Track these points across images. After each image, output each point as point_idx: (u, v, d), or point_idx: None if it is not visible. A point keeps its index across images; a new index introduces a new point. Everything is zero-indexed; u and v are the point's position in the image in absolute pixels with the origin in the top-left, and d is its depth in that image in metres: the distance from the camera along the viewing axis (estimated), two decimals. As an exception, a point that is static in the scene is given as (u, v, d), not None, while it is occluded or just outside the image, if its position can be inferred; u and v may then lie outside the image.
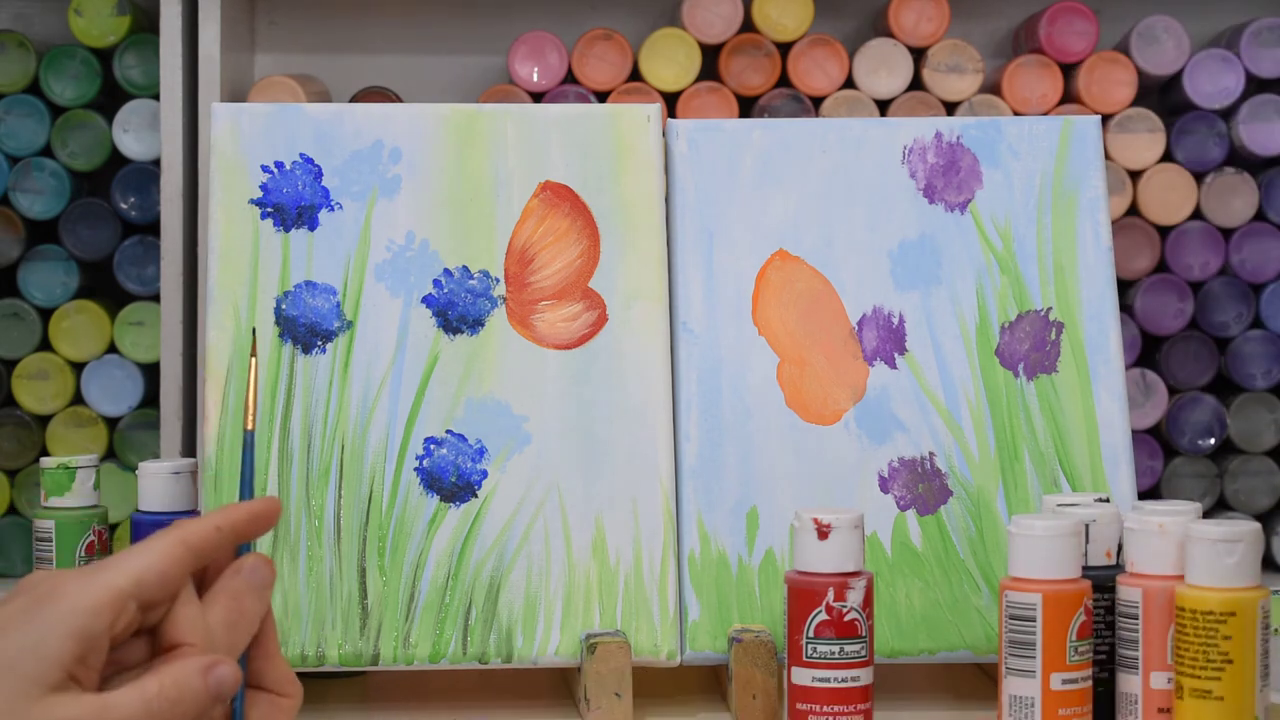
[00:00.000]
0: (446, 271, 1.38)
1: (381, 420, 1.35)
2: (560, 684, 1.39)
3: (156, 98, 1.64)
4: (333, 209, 1.39)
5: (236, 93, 1.66)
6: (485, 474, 1.35)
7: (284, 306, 1.37)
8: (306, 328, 1.37)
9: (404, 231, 1.38)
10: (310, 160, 1.39)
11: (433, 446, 1.35)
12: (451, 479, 1.35)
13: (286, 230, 1.38)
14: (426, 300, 1.38)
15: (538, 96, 1.67)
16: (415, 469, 1.35)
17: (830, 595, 1.19)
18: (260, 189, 1.38)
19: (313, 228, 1.38)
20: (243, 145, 1.39)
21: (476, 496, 1.35)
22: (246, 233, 1.38)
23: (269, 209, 1.38)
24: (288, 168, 1.39)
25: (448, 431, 1.36)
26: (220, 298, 1.37)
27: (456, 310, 1.37)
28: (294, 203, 1.38)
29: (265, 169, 1.39)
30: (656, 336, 1.38)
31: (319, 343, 1.37)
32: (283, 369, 1.36)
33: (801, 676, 1.20)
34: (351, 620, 1.32)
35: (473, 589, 1.33)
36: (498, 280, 1.38)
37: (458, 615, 1.33)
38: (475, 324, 1.38)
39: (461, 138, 1.40)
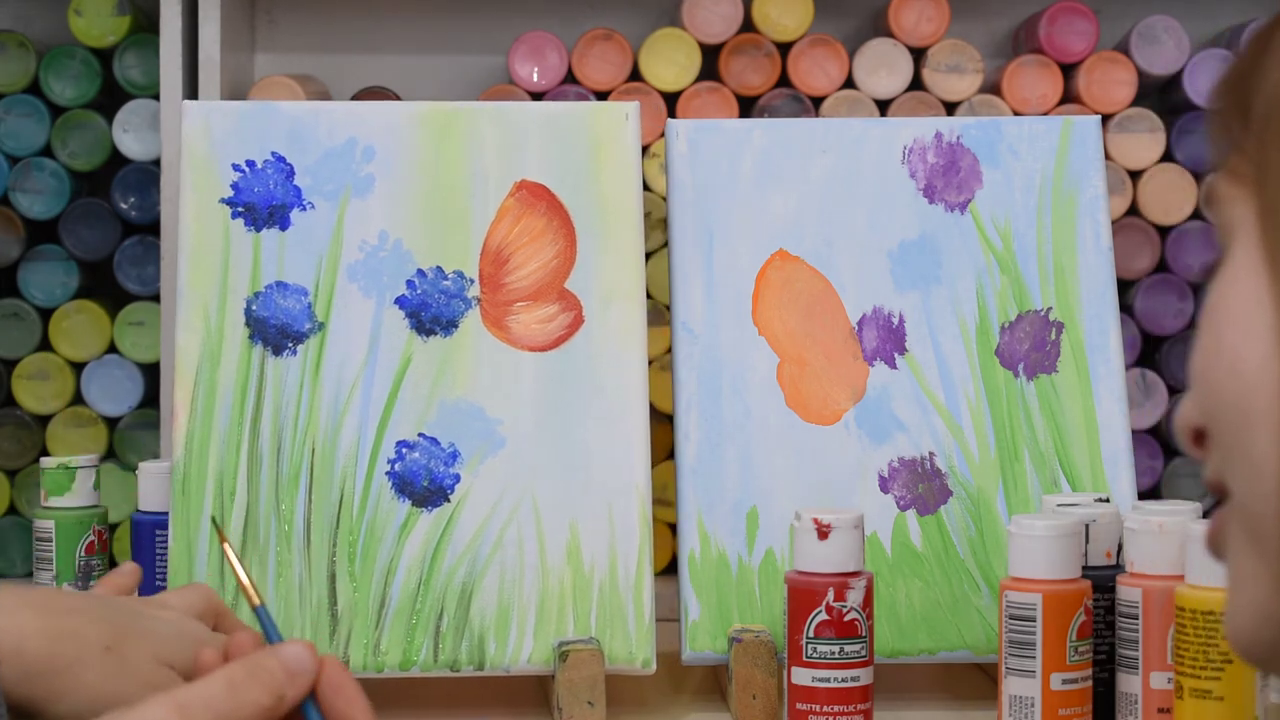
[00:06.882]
0: (420, 272, 1.37)
1: (353, 423, 1.34)
2: (537, 691, 1.37)
3: (156, 98, 1.64)
4: (305, 208, 1.37)
5: (236, 93, 1.66)
6: (458, 478, 1.34)
7: (254, 307, 1.35)
8: (277, 329, 1.35)
9: (377, 231, 1.37)
10: (282, 159, 1.38)
11: (405, 450, 1.34)
12: (424, 483, 1.33)
13: (257, 230, 1.37)
14: (399, 301, 1.36)
15: (538, 96, 1.66)
16: (387, 473, 1.33)
17: (830, 595, 1.19)
18: (231, 188, 1.37)
19: (284, 227, 1.37)
20: (214, 144, 1.37)
21: (449, 501, 1.33)
22: (217, 232, 1.36)
23: (240, 208, 1.37)
24: (259, 166, 1.37)
25: (420, 435, 1.34)
26: (190, 298, 1.35)
27: (430, 311, 1.36)
28: (265, 202, 1.37)
29: (236, 168, 1.37)
30: (634, 337, 1.36)
31: (290, 344, 1.35)
32: (253, 371, 1.34)
33: (801, 676, 1.20)
34: (321, 626, 1.30)
35: (445, 595, 1.31)
36: (472, 281, 1.37)
37: (429, 622, 1.31)
38: (449, 325, 1.36)
39: (436, 136, 1.39)
